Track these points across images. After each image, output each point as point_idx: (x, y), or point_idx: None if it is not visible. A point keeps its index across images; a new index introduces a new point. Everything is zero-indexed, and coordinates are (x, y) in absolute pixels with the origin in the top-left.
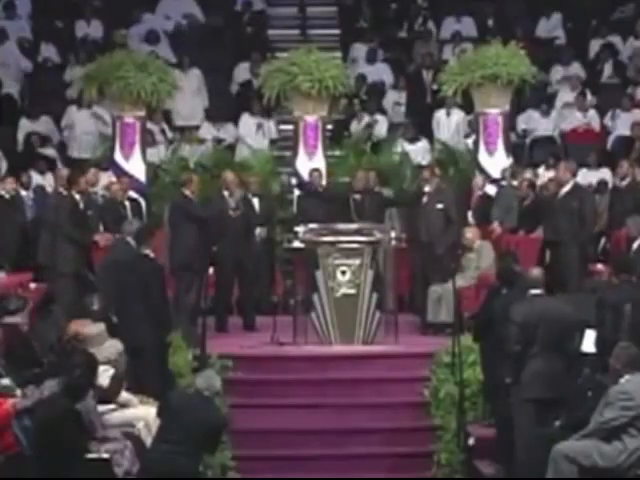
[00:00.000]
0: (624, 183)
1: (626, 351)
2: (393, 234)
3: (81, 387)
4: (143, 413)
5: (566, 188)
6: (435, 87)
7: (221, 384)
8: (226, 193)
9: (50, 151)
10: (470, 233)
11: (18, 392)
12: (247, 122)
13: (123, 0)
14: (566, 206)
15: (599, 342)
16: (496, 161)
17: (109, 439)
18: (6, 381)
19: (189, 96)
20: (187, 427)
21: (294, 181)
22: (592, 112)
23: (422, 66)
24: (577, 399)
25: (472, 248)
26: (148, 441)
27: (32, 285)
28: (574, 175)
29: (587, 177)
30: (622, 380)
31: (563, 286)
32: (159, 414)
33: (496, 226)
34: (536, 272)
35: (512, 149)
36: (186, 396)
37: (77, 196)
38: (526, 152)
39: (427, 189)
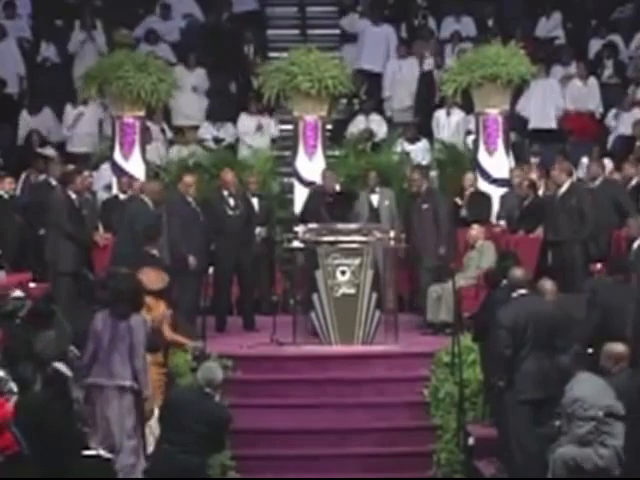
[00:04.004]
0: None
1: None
2: (392, 234)
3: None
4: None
5: (563, 188)
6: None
7: (222, 376)
8: (225, 192)
9: (49, 151)
10: (474, 231)
11: (11, 385)
12: (245, 122)
13: (123, 0)
14: (565, 206)
15: (591, 341)
16: (496, 161)
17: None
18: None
19: (191, 95)
20: (189, 425)
21: (294, 181)
22: (592, 80)
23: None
24: None
25: (474, 246)
26: (150, 440)
27: (31, 285)
28: (570, 175)
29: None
30: (572, 382)
31: (567, 287)
32: (161, 415)
33: (503, 224)
34: (519, 272)
35: (513, 148)
36: (186, 393)
37: (73, 195)
38: (526, 150)
39: (418, 190)
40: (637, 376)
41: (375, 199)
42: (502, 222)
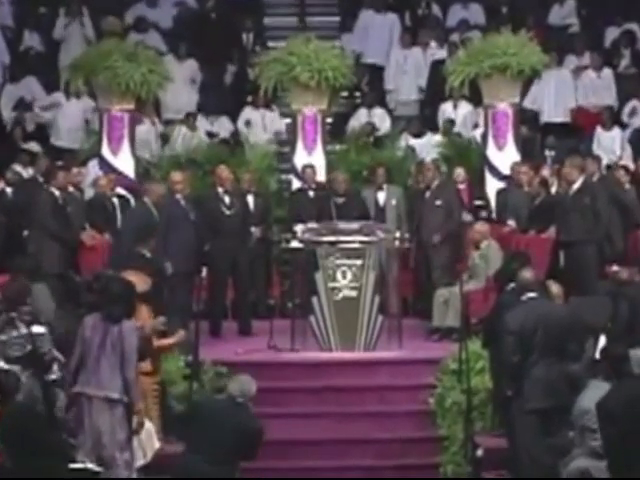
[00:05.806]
0: None
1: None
2: (397, 234)
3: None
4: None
5: (575, 186)
6: None
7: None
8: (220, 190)
9: (34, 145)
10: (479, 230)
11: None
12: (248, 116)
13: None
14: (577, 204)
15: (612, 339)
16: (506, 156)
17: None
18: None
19: (181, 87)
20: (220, 436)
21: (292, 178)
22: (607, 71)
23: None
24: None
25: (479, 247)
26: (139, 454)
27: None
28: (582, 171)
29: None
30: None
31: (580, 289)
32: (185, 424)
33: (512, 223)
34: (529, 274)
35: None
36: (217, 403)
37: (56, 192)
38: (537, 146)
39: (432, 185)
40: None
41: (382, 197)
42: (511, 221)
